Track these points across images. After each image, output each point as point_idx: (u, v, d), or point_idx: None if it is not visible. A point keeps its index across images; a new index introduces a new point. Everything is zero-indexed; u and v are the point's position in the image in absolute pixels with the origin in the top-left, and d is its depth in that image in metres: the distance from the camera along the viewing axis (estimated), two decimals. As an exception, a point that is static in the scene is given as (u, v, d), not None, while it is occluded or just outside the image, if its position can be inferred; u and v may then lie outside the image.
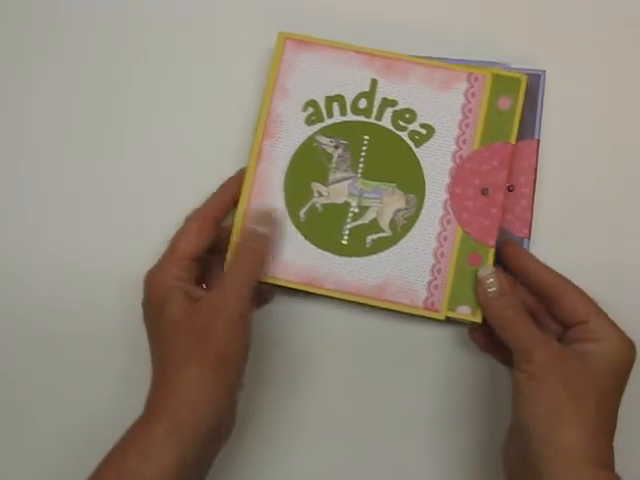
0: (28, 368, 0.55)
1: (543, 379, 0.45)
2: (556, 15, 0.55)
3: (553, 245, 0.54)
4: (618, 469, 0.44)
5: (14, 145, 0.57)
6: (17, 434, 0.54)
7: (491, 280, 0.49)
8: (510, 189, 0.53)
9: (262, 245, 0.49)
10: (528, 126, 0.53)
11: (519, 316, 0.47)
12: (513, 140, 0.51)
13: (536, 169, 0.53)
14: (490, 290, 0.49)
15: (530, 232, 0.53)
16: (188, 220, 0.49)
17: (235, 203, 0.51)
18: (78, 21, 0.57)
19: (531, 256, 0.51)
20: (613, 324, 0.47)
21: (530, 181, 0.53)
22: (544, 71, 0.53)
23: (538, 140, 0.53)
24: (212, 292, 0.47)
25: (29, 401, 0.55)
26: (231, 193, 0.51)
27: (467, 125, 0.51)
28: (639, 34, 0.56)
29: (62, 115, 0.57)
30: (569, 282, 0.49)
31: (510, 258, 0.51)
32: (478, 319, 0.50)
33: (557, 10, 0.55)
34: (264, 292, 0.53)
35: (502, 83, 0.51)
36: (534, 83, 0.53)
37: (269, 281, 0.51)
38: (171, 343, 0.47)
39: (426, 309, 0.51)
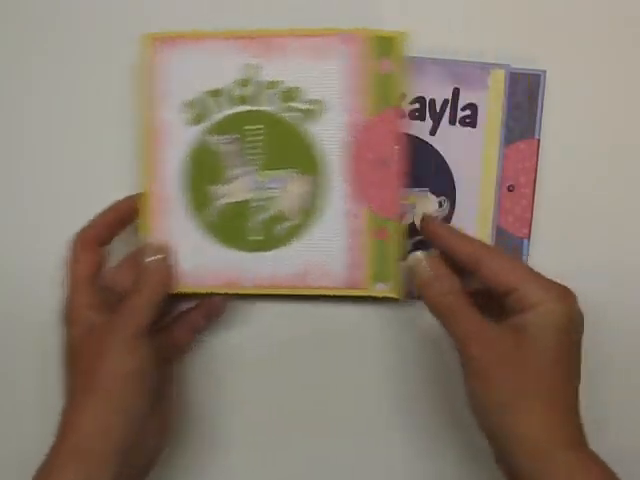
0: (28, 368, 0.56)
1: (486, 376, 0.43)
2: (556, 15, 0.54)
3: (553, 245, 0.54)
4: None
5: (14, 145, 0.57)
6: (17, 434, 0.55)
7: (423, 264, 0.46)
8: (510, 189, 0.53)
9: (156, 273, 0.48)
10: (528, 126, 0.53)
11: (460, 302, 0.45)
12: (398, 103, 0.49)
13: (536, 169, 0.53)
14: (424, 274, 0.46)
15: (530, 232, 0.53)
16: (72, 244, 0.50)
17: (121, 224, 0.51)
18: (78, 21, 0.57)
19: (450, 229, 0.49)
20: (544, 284, 0.44)
21: (530, 181, 0.53)
22: (544, 71, 0.53)
23: (538, 140, 0.53)
24: (107, 317, 0.47)
25: (29, 401, 0.56)
26: (114, 214, 0.50)
27: (354, 92, 0.49)
28: (639, 34, 0.55)
29: (62, 115, 0.56)
30: (493, 250, 0.47)
31: (428, 235, 0.49)
32: (396, 295, 0.49)
33: (557, 10, 0.54)
34: (212, 307, 0.53)
35: (380, 45, 0.48)
36: (534, 83, 0.53)
37: (188, 291, 0.50)
38: (68, 370, 0.47)
39: (349, 288, 0.50)
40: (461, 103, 0.53)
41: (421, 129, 0.53)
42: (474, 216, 0.53)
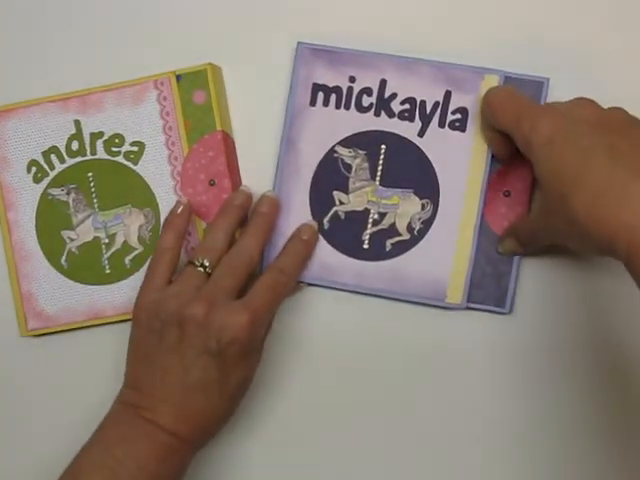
0: (28, 368, 0.58)
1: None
2: (561, 24, 0.53)
3: (546, 251, 0.53)
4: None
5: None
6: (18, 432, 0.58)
7: None
8: (506, 195, 0.52)
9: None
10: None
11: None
12: (220, 127, 0.54)
13: (533, 176, 0.52)
14: None
15: (524, 238, 0.52)
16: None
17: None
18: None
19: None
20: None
21: (526, 188, 0.52)
22: (547, 79, 0.52)
23: (536, 148, 0.52)
24: None
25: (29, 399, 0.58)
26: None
27: (170, 128, 0.54)
28: None
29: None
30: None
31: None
32: None
33: (562, 19, 0.53)
34: None
35: (191, 79, 0.54)
36: (537, 90, 0.52)
37: (58, 330, 0.55)
38: None
39: None
40: (452, 106, 0.52)
41: (409, 130, 0.53)
42: (457, 221, 0.52)
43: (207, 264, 0.50)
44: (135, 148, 0.55)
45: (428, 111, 0.53)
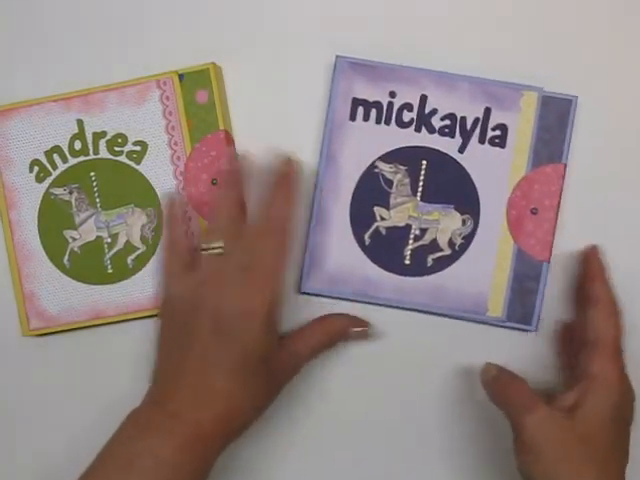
0: (30, 367, 0.57)
1: (537, 450, 0.46)
2: (593, 45, 0.54)
3: (573, 270, 0.54)
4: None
5: None
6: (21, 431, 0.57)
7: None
8: (533, 212, 0.53)
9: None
10: (556, 150, 0.53)
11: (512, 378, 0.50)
12: (222, 126, 0.54)
13: (561, 194, 0.53)
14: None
15: (550, 256, 0.53)
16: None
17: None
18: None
19: (601, 263, 0.52)
20: (610, 356, 0.47)
21: (554, 205, 0.53)
22: (576, 97, 0.53)
23: (565, 165, 0.53)
24: None
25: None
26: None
27: (173, 128, 0.54)
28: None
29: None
30: (607, 303, 0.49)
31: (585, 256, 0.53)
32: None
33: (595, 40, 0.55)
34: None
35: (194, 79, 0.54)
36: (565, 108, 0.53)
37: (56, 330, 0.55)
38: None
39: None
40: (492, 123, 0.53)
41: (450, 146, 0.53)
42: (496, 237, 0.53)
43: (220, 245, 0.50)
44: (138, 148, 0.55)
45: (468, 127, 0.53)
